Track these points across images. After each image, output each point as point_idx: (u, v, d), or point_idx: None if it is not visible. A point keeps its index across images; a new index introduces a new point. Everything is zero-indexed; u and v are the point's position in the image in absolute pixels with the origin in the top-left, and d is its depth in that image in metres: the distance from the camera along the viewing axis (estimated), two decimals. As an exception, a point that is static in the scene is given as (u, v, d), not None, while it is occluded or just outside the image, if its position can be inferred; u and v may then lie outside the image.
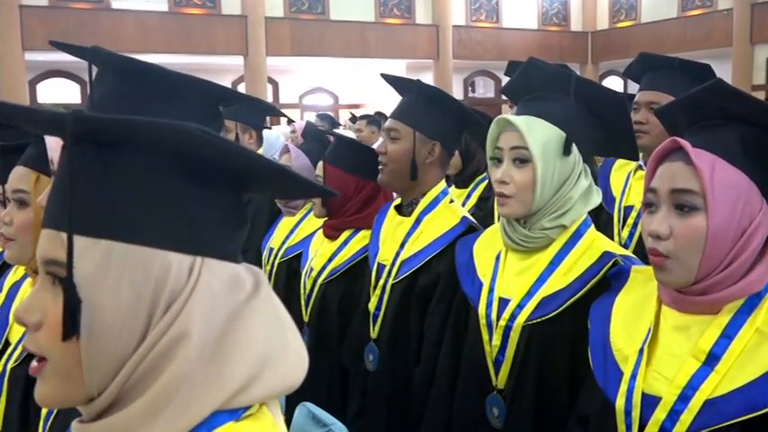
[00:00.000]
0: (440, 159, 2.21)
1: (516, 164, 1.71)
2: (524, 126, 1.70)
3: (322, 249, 2.59)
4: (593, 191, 1.77)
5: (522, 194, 1.71)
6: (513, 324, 1.70)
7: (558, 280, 1.69)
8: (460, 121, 2.23)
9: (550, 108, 1.74)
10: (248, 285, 0.80)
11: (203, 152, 0.74)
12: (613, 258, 1.66)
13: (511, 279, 1.76)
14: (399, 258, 2.17)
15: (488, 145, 1.79)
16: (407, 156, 2.18)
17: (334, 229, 2.57)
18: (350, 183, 2.53)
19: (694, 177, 1.27)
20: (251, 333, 0.77)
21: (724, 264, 1.27)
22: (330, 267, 2.52)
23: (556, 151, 1.70)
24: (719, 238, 1.25)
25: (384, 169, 2.22)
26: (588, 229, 1.76)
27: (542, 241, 1.74)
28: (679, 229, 1.27)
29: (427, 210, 2.20)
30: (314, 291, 2.55)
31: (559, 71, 1.77)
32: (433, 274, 2.09)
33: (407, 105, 2.23)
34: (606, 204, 3.10)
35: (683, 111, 1.39)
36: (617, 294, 1.52)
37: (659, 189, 1.31)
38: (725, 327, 1.27)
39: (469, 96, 18.17)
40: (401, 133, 2.19)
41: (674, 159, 1.31)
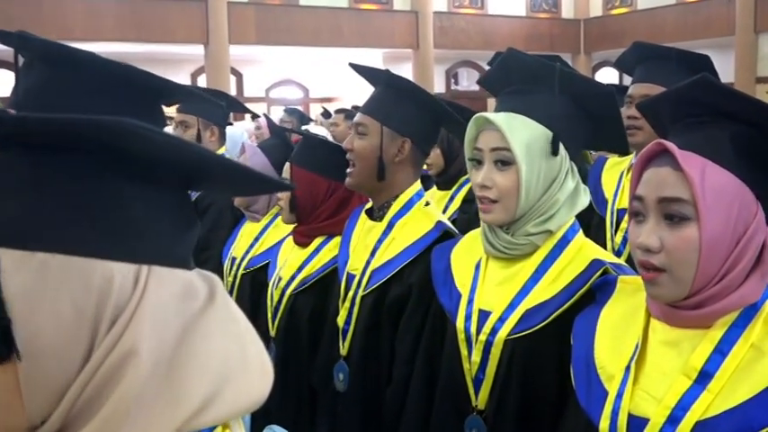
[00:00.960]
0: (411, 158, 2.21)
1: (498, 166, 1.72)
2: (505, 125, 1.70)
3: (291, 258, 2.58)
4: (580, 192, 1.78)
5: (506, 199, 1.71)
6: (495, 339, 1.71)
7: (544, 290, 1.70)
8: (434, 117, 2.24)
9: (533, 104, 1.74)
10: (202, 294, 0.80)
11: (143, 150, 0.74)
12: (603, 267, 1.67)
13: (492, 289, 1.77)
14: (369, 268, 2.17)
15: (466, 145, 1.79)
16: (374, 153, 2.18)
17: (304, 236, 2.57)
18: (320, 185, 2.53)
19: (683, 184, 1.27)
20: (208, 346, 0.77)
21: (719, 276, 1.28)
22: (300, 277, 2.52)
23: (541, 151, 1.71)
24: (714, 250, 1.26)
25: (352, 170, 2.22)
26: (576, 234, 1.77)
27: (526, 248, 1.74)
28: (670, 242, 1.28)
29: (399, 214, 2.20)
30: (282, 302, 2.54)
31: (542, 63, 1.78)
32: (405, 285, 2.09)
33: (376, 98, 2.24)
34: (597, 207, 3.12)
35: (667, 106, 1.40)
36: (602, 307, 1.53)
37: (646, 197, 1.31)
38: (718, 342, 1.28)
39: (452, 89, 18.26)
40: (369, 128, 2.20)
41: (660, 164, 1.31)
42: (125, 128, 0.70)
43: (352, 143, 2.21)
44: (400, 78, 2.23)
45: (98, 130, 0.71)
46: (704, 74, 1.33)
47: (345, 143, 2.24)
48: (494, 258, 1.80)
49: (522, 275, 1.74)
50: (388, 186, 2.21)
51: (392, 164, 2.19)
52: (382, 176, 2.18)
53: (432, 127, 2.26)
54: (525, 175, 1.69)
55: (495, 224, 1.75)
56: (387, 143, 2.18)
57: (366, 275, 2.16)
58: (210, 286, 0.82)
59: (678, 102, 1.37)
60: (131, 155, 0.74)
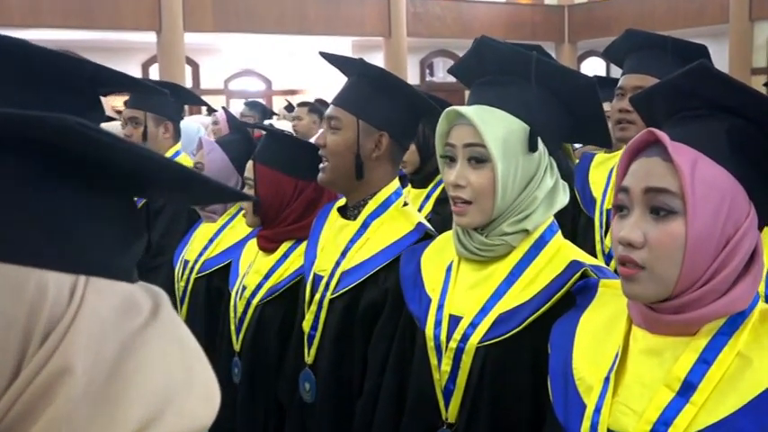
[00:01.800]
0: (389, 153, 2.23)
1: (472, 164, 1.73)
2: (479, 119, 1.71)
3: (257, 264, 2.58)
4: (559, 190, 1.80)
5: (481, 200, 1.73)
6: (465, 346, 1.72)
7: (518, 294, 1.72)
8: (412, 109, 2.25)
9: (508, 95, 1.76)
10: (145, 309, 0.79)
11: (82, 150, 0.73)
12: (582, 269, 1.69)
13: (463, 293, 1.78)
14: (340, 269, 2.17)
15: (438, 141, 1.81)
16: (349, 149, 2.19)
17: (270, 241, 2.57)
18: (286, 185, 2.53)
19: (672, 175, 1.28)
20: (148, 366, 0.76)
21: (705, 277, 1.28)
22: (267, 286, 2.51)
23: (517, 147, 1.72)
24: (700, 248, 1.26)
25: (325, 166, 2.22)
26: (554, 234, 1.79)
27: (501, 249, 1.76)
28: (654, 237, 1.28)
29: (376, 213, 2.21)
30: (247, 314, 2.53)
31: (517, 52, 1.80)
32: (381, 289, 2.10)
33: (350, 89, 2.25)
34: (585, 206, 3.13)
35: (661, 98, 1.41)
36: (582, 313, 1.54)
37: (632, 188, 1.31)
38: (702, 350, 1.29)
39: (427, 81, 18.31)
40: (342, 122, 2.20)
41: (649, 154, 1.32)
42: (67, 126, 0.69)
43: (325, 139, 2.21)
44: (375, 67, 2.24)
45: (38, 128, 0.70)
46: (702, 61, 1.34)
47: (317, 138, 2.25)
48: (466, 261, 1.82)
49: (495, 278, 1.76)
50: (365, 184, 2.22)
51: (369, 160, 2.20)
52: (361, 174, 2.19)
53: (410, 120, 2.27)
54: (502, 173, 1.71)
55: (471, 227, 1.77)
56: (362, 138, 2.19)
57: (335, 277, 2.17)
58: (155, 301, 0.81)
59: (674, 94, 1.38)
60: (73, 156, 0.73)
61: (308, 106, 7.72)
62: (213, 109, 6.14)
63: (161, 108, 3.80)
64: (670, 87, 1.39)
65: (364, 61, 2.23)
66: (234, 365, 2.55)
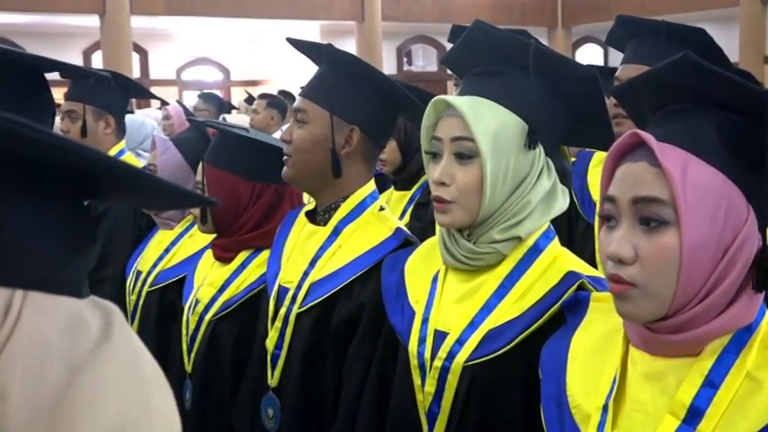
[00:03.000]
0: (362, 151, 2.23)
1: (459, 159, 1.75)
2: (469, 110, 1.73)
3: (211, 276, 2.57)
4: (557, 194, 1.82)
5: (467, 199, 1.74)
6: (451, 364, 1.73)
7: (510, 308, 1.73)
8: (388, 101, 2.26)
9: (504, 87, 1.78)
10: (95, 328, 0.79)
11: (18, 150, 0.72)
12: (579, 280, 1.70)
13: (450, 307, 1.80)
14: (308, 280, 2.17)
15: (423, 135, 1.82)
16: (317, 145, 2.19)
17: (225, 250, 2.57)
18: (242, 189, 2.53)
19: (662, 182, 1.28)
20: (100, 393, 0.75)
21: (704, 291, 1.29)
22: (222, 300, 2.51)
23: (510, 143, 1.74)
24: (697, 260, 1.27)
25: (288, 161, 2.23)
26: (550, 242, 1.81)
27: (491, 258, 1.78)
28: (646, 251, 1.29)
29: (349, 218, 2.22)
30: (199, 331, 2.53)
31: (514, 39, 1.81)
32: (355, 302, 2.10)
33: (318, 79, 2.26)
34: (584, 211, 3.14)
35: (645, 92, 1.43)
36: (573, 332, 1.56)
37: (618, 198, 1.32)
38: (708, 372, 1.29)
39: (405, 70, 18.32)
40: (310, 115, 2.21)
41: (635, 158, 1.33)
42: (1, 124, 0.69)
43: (291, 133, 2.22)
44: (345, 54, 2.25)
45: None
46: (686, 52, 1.35)
47: (283, 134, 2.25)
48: (453, 270, 1.84)
49: (484, 290, 1.77)
50: (336, 184, 2.22)
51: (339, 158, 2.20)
52: (338, 172, 2.20)
53: (386, 113, 2.28)
54: (490, 170, 1.72)
55: (454, 227, 1.78)
56: (330, 132, 2.19)
57: (303, 289, 2.17)
58: (106, 318, 0.81)
59: (657, 86, 1.40)
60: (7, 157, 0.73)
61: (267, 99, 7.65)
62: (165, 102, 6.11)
63: (102, 100, 3.75)
64: (653, 80, 1.41)
65: (333, 47, 2.24)
66: (185, 389, 2.55)
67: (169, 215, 3.02)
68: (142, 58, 16.45)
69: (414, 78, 16.81)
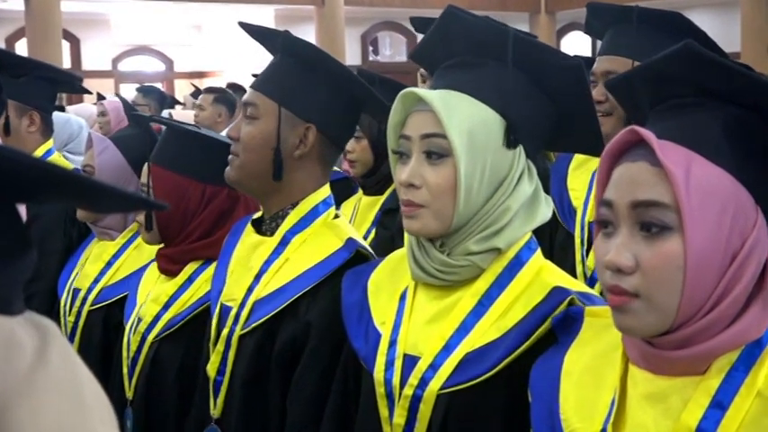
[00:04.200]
0: (317, 151, 2.23)
1: (430, 159, 1.75)
2: (441, 104, 1.73)
3: (155, 291, 2.57)
4: (540, 200, 1.82)
5: (438, 203, 1.74)
6: (424, 392, 1.73)
7: (489, 328, 1.73)
8: (350, 97, 2.26)
9: (480, 79, 1.78)
10: (29, 349, 0.78)
11: None
12: (567, 297, 1.70)
13: (421, 328, 1.79)
14: (252, 297, 2.17)
15: (390, 132, 1.82)
16: (268, 143, 2.19)
17: (171, 262, 2.56)
18: (191, 192, 2.53)
19: (663, 184, 1.30)
20: (38, 423, 0.75)
21: (710, 302, 1.30)
22: (167, 317, 2.51)
23: (487, 141, 1.74)
24: (703, 268, 1.29)
25: (234, 161, 2.22)
26: (533, 254, 1.81)
27: (467, 272, 1.77)
28: (647, 259, 1.30)
29: (298, 227, 2.21)
30: (141, 353, 2.53)
31: (491, 27, 1.82)
32: (301, 322, 2.10)
33: (272, 70, 2.26)
34: (563, 219, 3.14)
35: (642, 85, 1.45)
36: (566, 350, 1.56)
37: (616, 202, 1.34)
38: (715, 392, 1.31)
39: (370, 60, 18.35)
40: (261, 109, 2.20)
41: (634, 158, 1.34)
42: None
43: (239, 129, 2.21)
44: (304, 43, 2.24)
45: None
46: (688, 41, 1.36)
47: (230, 130, 2.24)
48: (424, 286, 1.83)
49: (460, 308, 1.76)
50: (285, 189, 2.21)
51: (290, 159, 2.19)
52: (279, 175, 2.19)
53: (347, 110, 2.28)
54: (465, 171, 1.72)
55: (424, 235, 1.77)
56: (284, 130, 2.19)
57: (246, 308, 2.17)
58: (42, 338, 0.80)
59: (656, 79, 1.41)
60: None
61: (214, 94, 7.61)
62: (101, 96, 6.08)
63: (25, 94, 3.72)
64: (652, 73, 1.42)
65: (289, 34, 2.24)
66: (126, 417, 2.54)
67: (109, 224, 3.00)
68: (73, 46, 16.37)
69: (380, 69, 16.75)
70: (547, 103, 1.83)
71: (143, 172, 2.62)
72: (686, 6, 13.28)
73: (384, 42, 18.84)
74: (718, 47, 2.80)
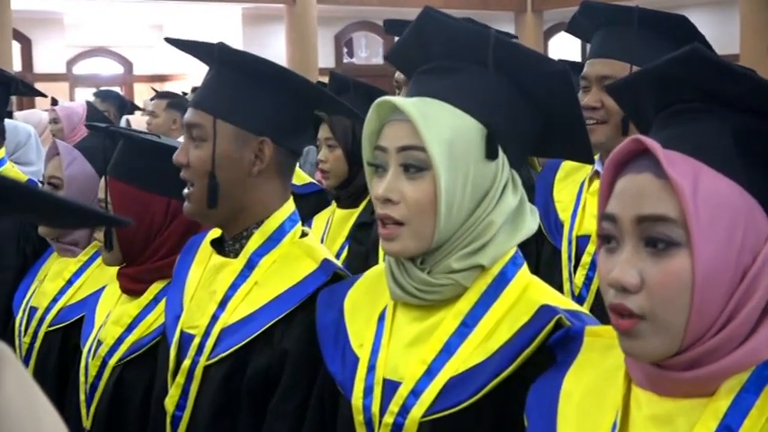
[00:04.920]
0: (276, 164, 2.22)
1: (408, 172, 1.75)
2: (418, 114, 1.73)
3: (117, 312, 2.56)
4: (525, 213, 1.83)
5: (418, 220, 1.74)
6: (406, 420, 1.73)
7: (474, 350, 1.74)
8: (300, 100, 2.25)
9: (460, 85, 1.79)
10: None
11: None
12: (556, 316, 1.70)
13: (402, 351, 1.80)
14: (218, 325, 2.15)
15: (365, 144, 1.82)
16: (226, 166, 2.17)
17: (134, 281, 2.55)
18: (154, 207, 2.52)
19: (670, 197, 1.30)
20: None
21: (720, 321, 1.31)
22: (130, 340, 2.50)
23: (468, 153, 1.75)
24: (712, 286, 1.29)
25: (191, 193, 2.19)
26: (519, 270, 1.82)
27: (449, 291, 1.78)
28: (653, 277, 1.31)
29: (265, 248, 2.21)
30: (102, 379, 2.52)
31: (470, 29, 1.83)
32: (276, 351, 2.09)
33: (210, 85, 2.24)
34: (549, 233, 3.13)
35: (647, 90, 1.46)
36: (565, 372, 1.57)
37: (620, 216, 1.34)
38: (724, 415, 1.31)
39: (344, 62, 18.35)
40: (207, 130, 2.18)
41: (638, 169, 1.35)
42: None
43: (187, 154, 2.19)
44: (240, 53, 2.25)
45: None
46: (695, 45, 1.37)
47: (177, 155, 2.21)
48: (404, 306, 1.83)
49: (443, 329, 1.77)
50: (248, 209, 2.21)
51: (249, 177, 2.19)
52: (213, 202, 2.16)
53: (300, 115, 2.28)
54: (445, 185, 1.72)
55: (404, 256, 1.78)
56: (236, 149, 2.17)
57: (212, 336, 2.15)
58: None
59: (661, 84, 1.42)
60: None
61: (167, 99, 7.53)
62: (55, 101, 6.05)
63: None
64: (657, 76, 1.43)
65: (224, 45, 2.23)
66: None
67: (75, 240, 2.98)
68: (24, 47, 16.30)
69: (355, 72, 16.83)
70: (531, 111, 1.84)
71: (100, 187, 2.61)
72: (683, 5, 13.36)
73: (359, 43, 18.85)
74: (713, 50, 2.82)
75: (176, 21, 16.15)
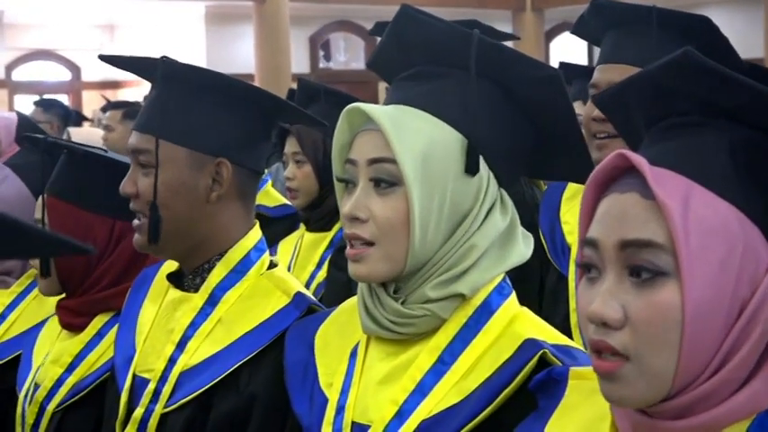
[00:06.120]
0: (236, 187, 2.23)
1: (378, 187, 1.76)
2: (390, 122, 1.74)
3: (56, 350, 2.56)
4: (515, 237, 1.84)
5: (388, 241, 1.75)
6: None
7: (450, 390, 1.74)
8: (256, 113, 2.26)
9: (438, 93, 1.81)
10: None
11: None
12: (539, 351, 1.70)
13: (372, 390, 1.81)
14: (177, 368, 2.16)
15: (334, 156, 1.84)
16: (180, 194, 2.18)
17: (75, 314, 2.56)
18: (98, 229, 2.54)
19: (657, 219, 1.29)
20: None
21: (715, 363, 1.30)
22: (71, 382, 2.51)
23: (445, 166, 1.76)
24: (705, 322, 1.28)
25: (142, 224, 2.19)
26: (505, 300, 1.83)
27: (425, 323, 1.78)
28: (637, 312, 1.29)
29: (229, 281, 2.21)
30: (41, 425, 2.52)
31: (451, 30, 1.84)
32: (243, 395, 2.10)
33: (156, 105, 2.24)
34: (555, 258, 3.13)
35: (637, 100, 1.46)
36: (547, 420, 1.57)
37: (601, 241, 1.33)
38: None
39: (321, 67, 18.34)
40: (154, 155, 2.17)
41: (623, 188, 1.34)
42: None
43: (135, 182, 2.19)
44: (187, 67, 2.25)
45: None
46: (687, 49, 1.36)
47: (124, 185, 2.21)
48: (378, 340, 1.85)
49: (417, 366, 1.78)
50: (209, 240, 2.22)
51: (207, 205, 2.19)
52: (155, 237, 2.15)
53: (259, 131, 2.29)
54: (419, 202, 1.73)
55: (373, 280, 1.79)
56: (189, 174, 2.18)
57: (170, 381, 2.15)
58: None
59: (652, 93, 1.42)
60: None
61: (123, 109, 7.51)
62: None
63: None
64: (647, 85, 1.44)
65: (169, 60, 2.23)
66: None
67: (5, 268, 2.99)
68: (-42, 50, 16.31)
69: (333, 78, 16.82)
70: (520, 121, 1.85)
71: (37, 205, 2.61)
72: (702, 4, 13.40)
73: (338, 46, 18.84)
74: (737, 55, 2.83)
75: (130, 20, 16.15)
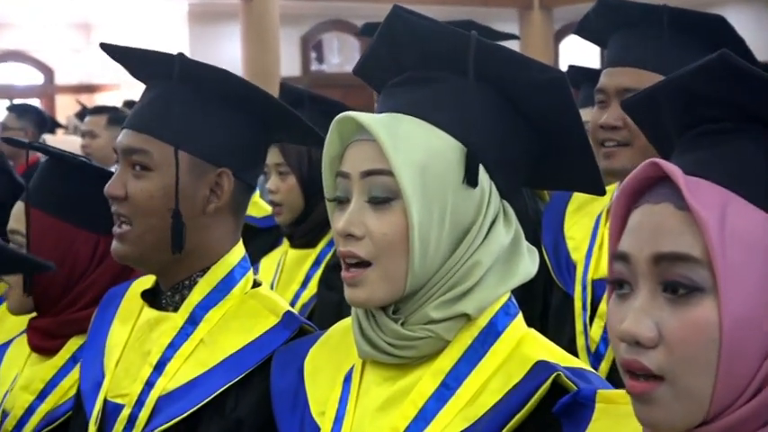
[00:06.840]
0: (233, 202, 2.23)
1: (373, 203, 1.76)
2: (385, 131, 1.75)
3: (26, 375, 2.57)
4: (520, 252, 1.84)
5: (387, 259, 1.75)
6: None
7: (455, 417, 1.74)
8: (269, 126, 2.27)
9: (435, 99, 1.81)
10: None
11: None
12: (553, 373, 1.70)
13: (370, 418, 1.81)
14: (155, 392, 2.16)
15: (325, 170, 1.84)
16: (165, 203, 2.16)
17: (48, 337, 2.57)
18: (79, 244, 2.55)
19: (693, 232, 1.30)
20: None
21: (755, 384, 1.30)
22: (44, 409, 2.52)
23: (445, 178, 1.76)
24: (743, 341, 1.28)
25: (125, 232, 2.17)
26: (512, 320, 1.83)
27: (427, 345, 1.79)
28: (672, 330, 1.29)
29: (211, 299, 2.21)
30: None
31: (447, 32, 1.85)
32: (229, 420, 2.10)
33: (162, 105, 2.21)
34: (560, 276, 3.13)
35: (668, 106, 1.46)
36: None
37: (633, 255, 1.34)
38: None
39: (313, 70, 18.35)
40: (155, 158, 2.17)
41: (656, 199, 1.35)
42: None
43: (124, 186, 2.17)
44: (203, 66, 2.23)
45: None
46: (723, 51, 1.36)
47: (110, 187, 2.18)
48: (374, 364, 1.85)
49: (419, 392, 1.78)
50: (194, 254, 2.21)
51: (201, 216, 2.19)
52: (179, 245, 2.15)
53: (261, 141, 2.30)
54: (418, 217, 1.73)
55: (372, 305, 1.79)
56: (191, 182, 2.17)
57: (147, 406, 2.15)
58: None
59: (684, 99, 1.42)
60: None
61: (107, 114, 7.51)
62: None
63: None
64: (680, 90, 1.44)
65: (185, 57, 2.22)
66: None
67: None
68: None
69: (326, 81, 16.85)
70: (523, 128, 1.86)
71: (13, 215, 2.61)
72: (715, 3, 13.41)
73: (331, 47, 18.86)
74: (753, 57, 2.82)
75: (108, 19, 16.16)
